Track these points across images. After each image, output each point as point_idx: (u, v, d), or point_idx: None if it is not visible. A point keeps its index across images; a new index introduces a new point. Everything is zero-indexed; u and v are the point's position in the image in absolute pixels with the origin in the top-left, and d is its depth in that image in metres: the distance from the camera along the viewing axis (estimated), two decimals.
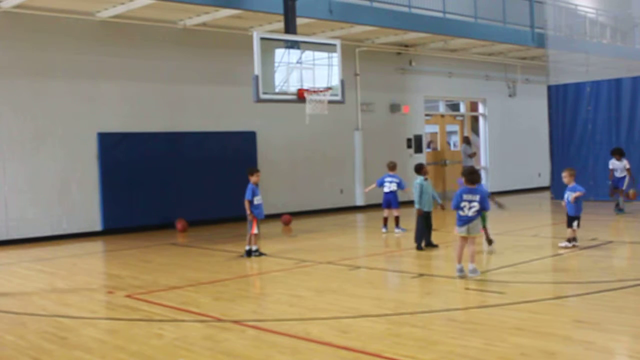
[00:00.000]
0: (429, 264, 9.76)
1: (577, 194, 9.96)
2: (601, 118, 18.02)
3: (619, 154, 14.76)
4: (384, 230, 13.13)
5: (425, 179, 10.74)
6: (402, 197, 13.46)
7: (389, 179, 13.06)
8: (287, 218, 15.31)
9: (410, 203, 13.76)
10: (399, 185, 12.99)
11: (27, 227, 13.29)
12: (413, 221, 10.89)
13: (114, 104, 14.46)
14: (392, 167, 13.22)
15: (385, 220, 13.15)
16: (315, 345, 5.62)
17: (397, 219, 12.96)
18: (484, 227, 10.19)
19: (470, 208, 8.01)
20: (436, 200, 10.85)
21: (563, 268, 9.26)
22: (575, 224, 10.06)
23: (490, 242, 10.36)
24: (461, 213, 8.11)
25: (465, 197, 8.09)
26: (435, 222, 11.34)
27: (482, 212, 8.17)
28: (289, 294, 7.80)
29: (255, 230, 10.36)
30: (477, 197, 7.99)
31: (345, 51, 15.13)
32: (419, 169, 10.97)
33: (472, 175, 8.22)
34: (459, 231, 8.19)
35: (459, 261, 8.22)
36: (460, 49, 20.54)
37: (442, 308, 6.84)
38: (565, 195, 10.22)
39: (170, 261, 10.65)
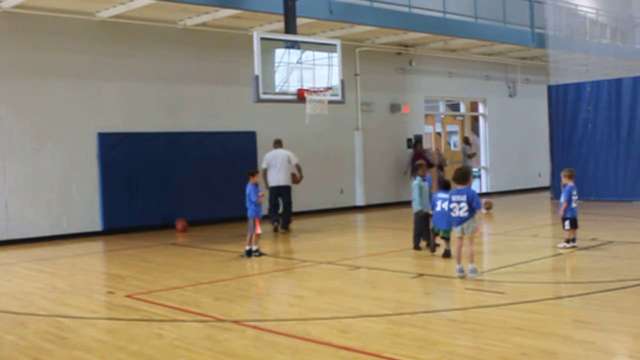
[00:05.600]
0: (429, 264, 9.75)
1: (563, 206, 10.12)
2: (601, 118, 18.03)
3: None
4: None
5: (423, 180, 10.71)
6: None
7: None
8: None
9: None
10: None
11: (27, 227, 13.29)
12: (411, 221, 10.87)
13: (114, 104, 14.46)
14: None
15: None
16: (315, 345, 5.62)
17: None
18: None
19: (460, 209, 8.10)
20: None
21: (563, 268, 9.26)
22: (566, 223, 10.10)
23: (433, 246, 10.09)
24: (453, 214, 8.22)
25: (454, 198, 8.20)
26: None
27: (475, 212, 8.19)
28: (289, 294, 7.80)
29: (259, 230, 10.40)
30: (465, 197, 8.06)
31: (345, 51, 15.12)
32: (416, 169, 10.96)
33: (460, 176, 8.30)
34: (454, 231, 8.29)
35: (458, 261, 8.24)
36: (460, 49, 20.54)
37: (442, 308, 6.84)
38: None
39: (170, 261, 10.65)
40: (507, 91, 23.01)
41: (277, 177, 13.83)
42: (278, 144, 14.14)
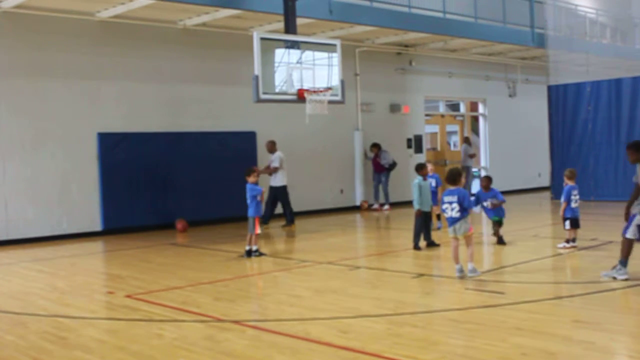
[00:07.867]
0: (429, 264, 9.76)
1: (562, 206, 10.13)
2: (601, 118, 18.02)
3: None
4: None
5: (424, 179, 10.74)
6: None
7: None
8: None
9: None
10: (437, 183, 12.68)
11: (27, 227, 13.29)
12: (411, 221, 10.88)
13: (114, 104, 14.45)
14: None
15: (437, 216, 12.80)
16: (315, 345, 5.62)
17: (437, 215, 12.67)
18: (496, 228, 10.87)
19: (452, 209, 8.13)
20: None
21: (563, 268, 9.26)
22: (566, 223, 10.12)
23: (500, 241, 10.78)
24: (445, 215, 8.28)
25: (445, 198, 8.24)
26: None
27: (467, 212, 8.21)
28: (289, 294, 7.80)
29: (259, 230, 10.41)
30: (456, 198, 8.09)
31: (345, 51, 15.12)
32: (418, 169, 10.99)
33: (451, 176, 8.35)
34: (448, 232, 8.33)
35: (457, 262, 8.25)
36: (460, 49, 20.53)
37: (442, 308, 6.84)
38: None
39: (170, 261, 10.65)
40: (507, 91, 23.01)
41: (285, 178, 14.38)
42: (274, 144, 14.56)
